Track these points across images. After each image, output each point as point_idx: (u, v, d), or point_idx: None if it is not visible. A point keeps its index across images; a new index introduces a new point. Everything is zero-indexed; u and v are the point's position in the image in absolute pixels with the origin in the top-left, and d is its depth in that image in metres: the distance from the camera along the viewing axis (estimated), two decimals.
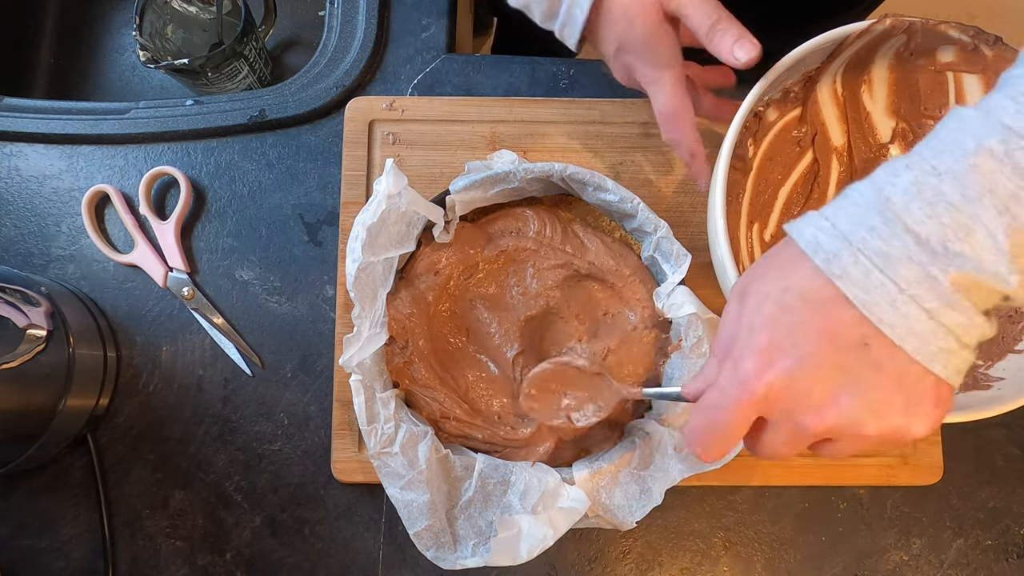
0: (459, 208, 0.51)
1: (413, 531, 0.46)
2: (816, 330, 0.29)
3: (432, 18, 0.61)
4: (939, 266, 0.27)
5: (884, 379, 0.29)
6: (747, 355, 0.30)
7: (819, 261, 0.29)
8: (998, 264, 0.27)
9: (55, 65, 0.77)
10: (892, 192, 0.28)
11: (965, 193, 0.27)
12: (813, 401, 0.29)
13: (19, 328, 0.47)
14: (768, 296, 0.30)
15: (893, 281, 0.28)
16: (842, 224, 0.29)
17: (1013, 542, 0.55)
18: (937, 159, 0.28)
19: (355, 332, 0.48)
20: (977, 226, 0.27)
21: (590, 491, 0.47)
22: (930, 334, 0.28)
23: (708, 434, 0.33)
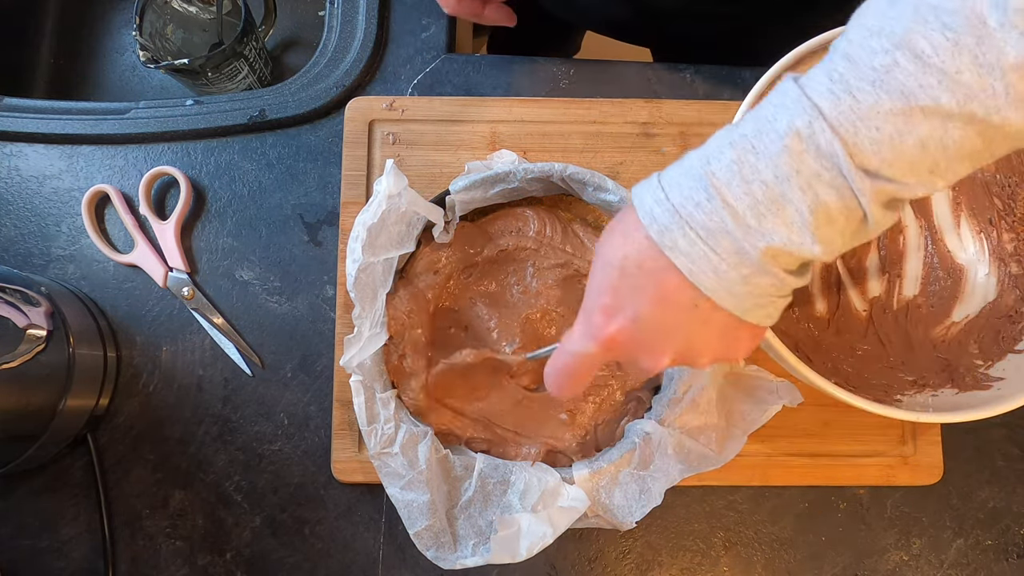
0: (459, 208, 0.51)
1: (413, 531, 0.46)
2: (651, 294, 0.33)
3: (432, 18, 0.61)
4: (751, 240, 0.31)
5: (710, 330, 0.34)
6: (595, 311, 0.35)
7: (653, 233, 0.32)
8: (803, 236, 0.30)
9: (55, 65, 0.77)
10: (717, 168, 0.31)
11: (777, 173, 0.30)
12: (650, 349, 0.35)
13: (19, 328, 0.47)
14: (611, 263, 0.34)
15: (715, 251, 0.31)
16: (674, 196, 0.32)
17: (1013, 542, 0.55)
18: (756, 138, 0.31)
19: (355, 333, 0.48)
20: (786, 203, 0.30)
21: (590, 491, 0.47)
22: (745, 295, 0.32)
23: (560, 375, 0.38)
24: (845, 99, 0.29)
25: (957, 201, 0.52)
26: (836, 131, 0.29)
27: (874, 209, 0.30)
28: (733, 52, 0.62)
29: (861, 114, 0.28)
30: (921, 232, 0.54)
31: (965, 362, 0.49)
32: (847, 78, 0.29)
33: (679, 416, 0.48)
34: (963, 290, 0.53)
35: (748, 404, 0.49)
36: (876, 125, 0.28)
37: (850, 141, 0.29)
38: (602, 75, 0.60)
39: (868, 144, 0.28)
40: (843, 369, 0.51)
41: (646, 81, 0.60)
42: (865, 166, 0.29)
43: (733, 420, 0.49)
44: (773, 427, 0.50)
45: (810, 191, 0.30)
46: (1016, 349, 0.48)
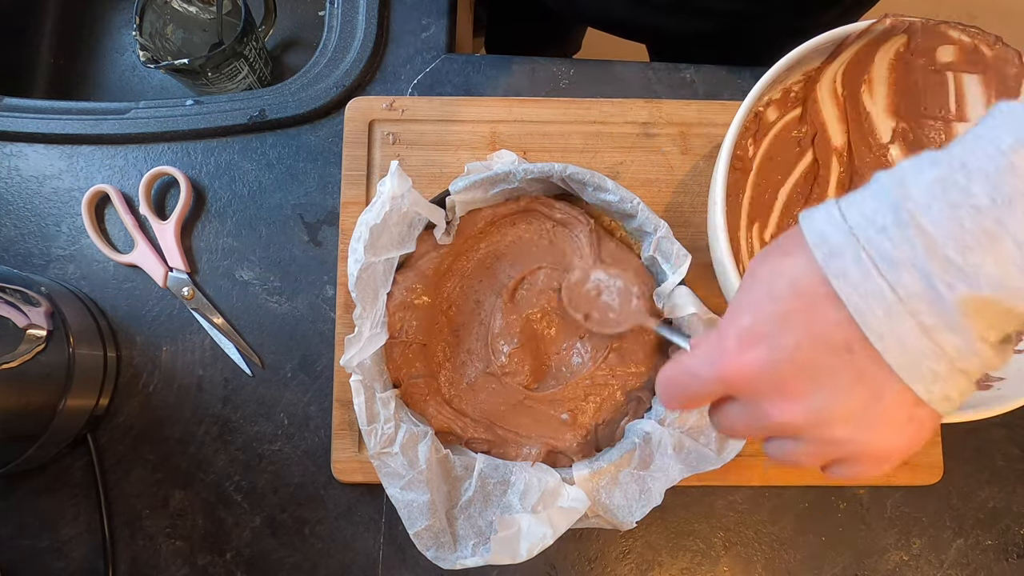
0: (459, 208, 0.51)
1: (413, 531, 0.46)
2: (800, 324, 0.27)
3: (432, 18, 0.61)
4: (947, 281, 0.24)
5: (862, 388, 0.27)
6: (730, 333, 0.29)
7: (819, 255, 0.27)
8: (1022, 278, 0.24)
9: (55, 65, 0.77)
10: (914, 189, 0.25)
11: (995, 196, 0.24)
12: (783, 392, 0.28)
13: (19, 328, 0.47)
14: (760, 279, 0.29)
15: (893, 289, 0.25)
16: (852, 216, 0.27)
17: (1013, 542, 0.55)
18: (968, 155, 0.25)
19: (356, 332, 0.48)
20: (1003, 235, 0.24)
21: (590, 491, 0.47)
22: (920, 353, 0.26)
23: (674, 389, 0.33)
24: None
25: None
26: None
27: None
28: (732, 52, 0.62)
29: None
30: None
31: None
32: None
33: (679, 416, 0.48)
34: None
35: None
36: None
37: None
38: (602, 75, 0.60)
39: None
40: None
41: (646, 81, 0.60)
42: None
43: None
44: None
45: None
46: (1016, 349, 0.48)
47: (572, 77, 0.60)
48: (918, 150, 0.52)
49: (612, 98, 0.57)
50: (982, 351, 0.25)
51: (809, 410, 0.28)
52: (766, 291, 0.29)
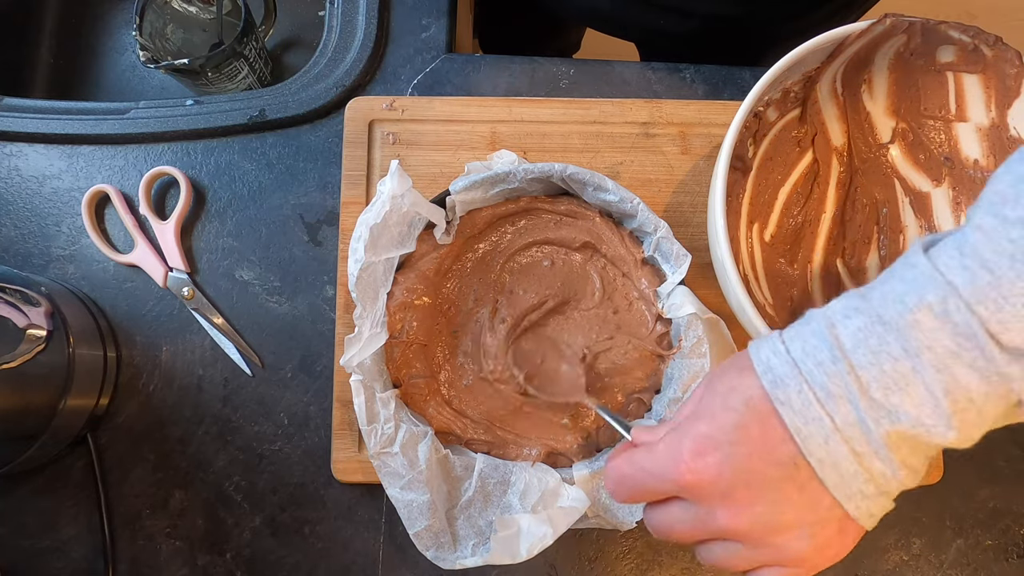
0: (459, 208, 0.51)
1: (413, 531, 0.46)
2: (752, 437, 0.30)
3: (432, 18, 0.61)
4: (874, 416, 0.28)
5: (803, 500, 0.30)
6: (686, 437, 0.31)
7: (766, 383, 0.30)
8: (936, 420, 0.27)
9: (55, 65, 0.77)
10: (842, 333, 0.29)
11: (906, 347, 0.27)
12: (732, 500, 0.30)
13: (19, 328, 0.47)
14: (717, 392, 0.32)
15: (831, 417, 0.28)
16: (795, 350, 0.30)
17: (1013, 542, 0.55)
18: (883, 308, 0.28)
19: (356, 332, 0.48)
20: (916, 381, 0.27)
21: (590, 491, 0.47)
22: (852, 476, 0.29)
23: (624, 484, 0.34)
24: (981, 275, 0.26)
25: (957, 201, 0.52)
26: (973, 310, 0.26)
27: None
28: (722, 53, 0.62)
29: (1003, 291, 0.26)
30: (921, 232, 0.54)
31: None
32: (981, 251, 0.26)
33: None
34: None
35: None
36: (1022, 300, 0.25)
37: (992, 320, 0.26)
38: (602, 75, 0.60)
39: (1014, 322, 0.25)
40: None
41: (646, 81, 0.60)
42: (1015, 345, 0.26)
43: None
44: None
45: (945, 371, 0.27)
46: None
47: (572, 77, 0.60)
48: (918, 150, 0.53)
49: (612, 98, 0.57)
50: (903, 477, 0.29)
51: (755, 518, 0.30)
52: (722, 403, 0.31)
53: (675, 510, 0.33)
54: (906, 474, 0.29)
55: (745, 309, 0.42)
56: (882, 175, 0.54)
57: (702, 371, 0.48)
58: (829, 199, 0.54)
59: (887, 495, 0.30)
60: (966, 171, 0.51)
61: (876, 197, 0.54)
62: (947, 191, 0.53)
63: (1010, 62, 0.46)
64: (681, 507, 0.33)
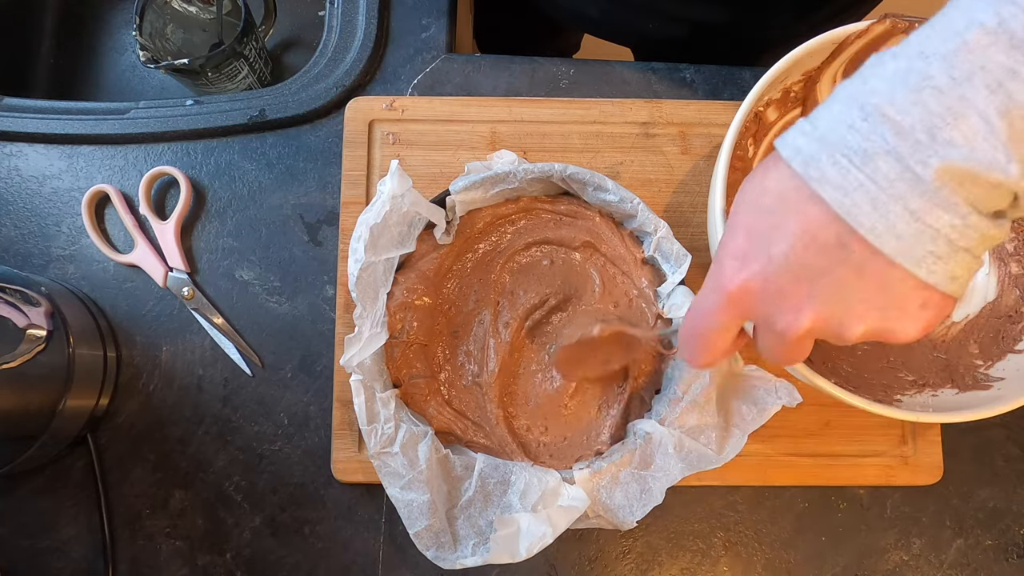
0: (459, 208, 0.51)
1: (413, 531, 0.46)
2: (791, 231, 0.27)
3: (432, 18, 0.61)
4: (921, 158, 0.25)
5: (865, 283, 0.27)
6: (725, 259, 0.29)
7: (797, 166, 0.27)
8: (994, 151, 0.24)
9: (55, 65, 0.77)
10: (876, 83, 0.26)
11: (954, 74, 0.24)
12: (788, 303, 0.28)
13: (19, 328, 0.47)
14: (746, 200, 0.29)
15: (872, 179, 0.25)
16: (822, 124, 0.27)
17: (1013, 542, 0.55)
18: (925, 43, 0.25)
19: (356, 332, 0.48)
20: (968, 109, 0.24)
21: (590, 491, 0.47)
22: (914, 237, 0.25)
23: (692, 339, 0.32)
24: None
25: None
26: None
27: None
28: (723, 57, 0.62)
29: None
30: None
31: (965, 362, 0.49)
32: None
33: (679, 416, 0.48)
34: None
35: (748, 404, 0.49)
36: None
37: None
38: (602, 75, 0.60)
39: None
40: (843, 369, 0.51)
41: (646, 81, 0.60)
42: None
43: (733, 420, 0.49)
44: (773, 427, 0.50)
45: (1000, 91, 0.23)
46: (1016, 349, 0.48)
47: (572, 77, 0.60)
48: None
49: (612, 98, 0.57)
50: (978, 224, 0.25)
51: (817, 314, 0.27)
52: (753, 209, 0.29)
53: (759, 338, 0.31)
54: (980, 219, 0.25)
55: None
56: None
57: (702, 371, 0.48)
58: None
59: (967, 252, 0.26)
60: None
61: None
62: None
63: None
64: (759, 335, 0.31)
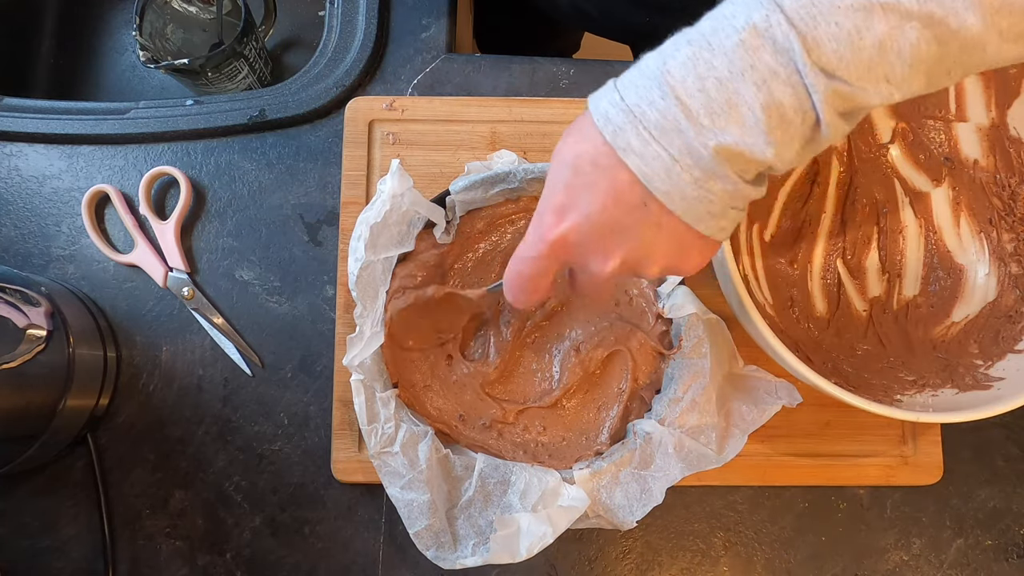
0: (459, 208, 0.51)
1: (413, 531, 0.46)
2: (603, 191, 0.32)
3: (432, 18, 0.61)
4: (702, 139, 0.29)
5: (661, 235, 0.33)
6: (546, 212, 0.34)
7: (607, 135, 0.31)
8: (755, 137, 0.29)
9: (55, 65, 0.77)
10: (672, 65, 0.30)
11: (731, 68, 0.29)
12: (599, 248, 0.34)
13: (19, 328, 0.47)
14: (565, 161, 0.33)
15: (667, 150, 0.30)
16: (630, 97, 0.31)
17: (1013, 542, 0.55)
18: (713, 36, 0.30)
19: (358, 332, 0.48)
20: (740, 101, 0.29)
21: (590, 491, 0.47)
22: (696, 200, 0.31)
23: (514, 280, 0.37)
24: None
25: (957, 201, 0.52)
26: (794, 25, 0.28)
27: (828, 113, 0.29)
28: None
29: (821, 8, 0.27)
30: (921, 232, 0.54)
31: (965, 362, 0.49)
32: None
33: (679, 416, 0.48)
34: (963, 290, 0.53)
35: (748, 404, 0.49)
36: (836, 20, 0.27)
37: (808, 36, 0.28)
38: (602, 75, 0.59)
39: (826, 40, 0.28)
40: (843, 369, 0.51)
41: None
42: (822, 64, 0.28)
43: (733, 420, 0.49)
44: (773, 427, 0.50)
45: (764, 88, 0.29)
46: (1016, 349, 0.48)
47: (572, 77, 0.60)
48: (918, 150, 0.53)
49: None
50: (744, 189, 0.31)
51: (624, 260, 0.34)
52: (571, 170, 0.33)
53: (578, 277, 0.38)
54: (744, 186, 0.31)
55: (745, 309, 0.42)
56: (882, 175, 0.54)
57: (702, 371, 0.48)
58: (829, 199, 0.54)
59: (735, 209, 0.32)
60: (966, 171, 0.51)
61: (876, 197, 0.54)
62: (947, 191, 0.53)
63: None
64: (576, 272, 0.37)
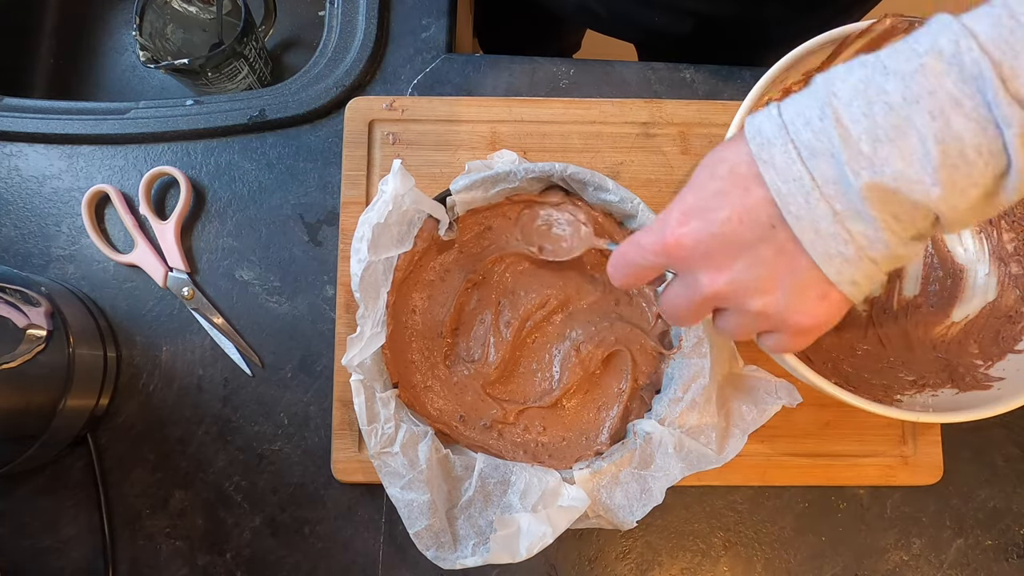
0: (459, 208, 0.51)
1: (413, 531, 0.46)
2: (732, 201, 0.30)
3: (432, 18, 0.61)
4: (856, 167, 0.27)
5: (780, 262, 0.30)
6: (674, 209, 0.32)
7: (753, 146, 0.30)
8: (921, 171, 0.26)
9: (55, 65, 0.77)
10: (840, 87, 0.28)
11: (906, 94, 0.26)
12: (712, 262, 0.31)
13: (19, 328, 0.47)
14: (705, 165, 0.32)
15: (811, 175, 0.28)
16: (787, 112, 0.29)
17: (1013, 542, 0.55)
18: (890, 58, 0.27)
19: (358, 332, 0.48)
20: (908, 130, 0.26)
21: (590, 491, 0.47)
22: (830, 236, 0.28)
23: (620, 261, 0.36)
24: (1006, 21, 0.25)
25: None
26: (988, 52, 0.25)
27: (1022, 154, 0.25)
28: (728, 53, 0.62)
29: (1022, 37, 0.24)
30: None
31: (965, 362, 0.49)
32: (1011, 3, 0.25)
33: (679, 416, 0.48)
34: (963, 290, 0.53)
35: (748, 404, 0.49)
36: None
37: (1005, 65, 0.24)
38: (602, 75, 0.60)
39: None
40: (843, 369, 0.51)
41: (646, 81, 0.60)
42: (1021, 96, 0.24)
43: (733, 420, 0.49)
44: (773, 427, 0.50)
45: (941, 118, 0.25)
46: (1016, 349, 0.48)
47: (572, 77, 0.60)
48: None
49: (612, 98, 0.57)
50: (889, 240, 0.28)
51: (732, 280, 0.31)
52: (709, 173, 0.32)
53: (674, 285, 0.35)
54: (891, 237, 0.28)
55: None
56: None
57: (702, 371, 0.48)
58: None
59: (872, 261, 0.29)
60: None
61: None
62: None
63: None
64: (678, 281, 0.35)
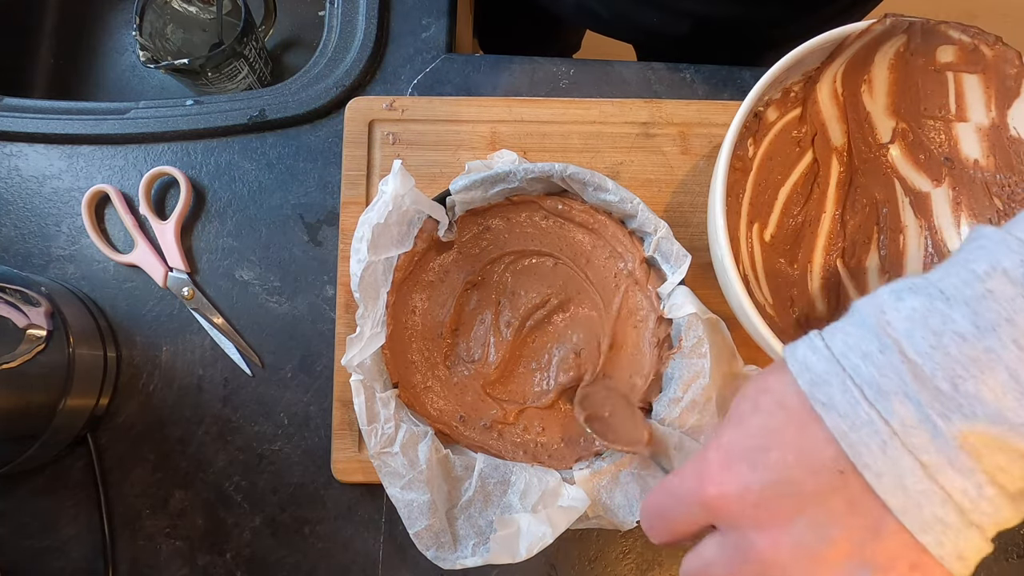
0: (459, 208, 0.51)
1: (413, 531, 0.46)
2: (786, 440, 0.25)
3: (432, 18, 0.61)
4: (942, 412, 0.22)
5: (856, 521, 0.23)
6: (711, 449, 0.27)
7: (804, 384, 0.25)
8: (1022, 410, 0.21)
9: (55, 65, 0.77)
10: (893, 317, 0.24)
11: (978, 322, 0.22)
12: (767, 515, 0.24)
13: (19, 328, 0.47)
14: (746, 396, 0.27)
15: (884, 419, 0.23)
16: (836, 345, 0.25)
17: (1013, 542, 0.55)
18: (944, 282, 0.24)
19: (358, 332, 0.48)
20: (996, 364, 0.22)
21: (590, 491, 0.47)
22: (923, 495, 0.22)
23: (654, 514, 0.30)
24: None
25: (957, 201, 0.52)
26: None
27: None
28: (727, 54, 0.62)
29: None
30: (921, 232, 0.54)
31: None
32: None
33: (679, 416, 0.48)
34: None
35: None
36: None
37: None
38: (602, 75, 0.60)
39: None
40: None
41: (646, 81, 0.60)
42: None
43: None
44: None
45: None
46: None
47: (572, 77, 0.60)
48: (918, 150, 0.53)
49: (612, 98, 0.57)
50: (994, 498, 0.22)
51: (796, 541, 0.24)
52: (751, 406, 0.27)
53: (708, 548, 0.27)
54: (996, 493, 0.22)
55: (745, 309, 0.42)
56: (882, 175, 0.54)
57: (702, 371, 0.48)
58: (829, 199, 0.54)
59: (979, 530, 0.22)
60: (966, 171, 0.51)
61: (876, 197, 0.54)
62: (947, 191, 0.53)
63: (1010, 62, 0.46)
64: (715, 542, 0.27)
